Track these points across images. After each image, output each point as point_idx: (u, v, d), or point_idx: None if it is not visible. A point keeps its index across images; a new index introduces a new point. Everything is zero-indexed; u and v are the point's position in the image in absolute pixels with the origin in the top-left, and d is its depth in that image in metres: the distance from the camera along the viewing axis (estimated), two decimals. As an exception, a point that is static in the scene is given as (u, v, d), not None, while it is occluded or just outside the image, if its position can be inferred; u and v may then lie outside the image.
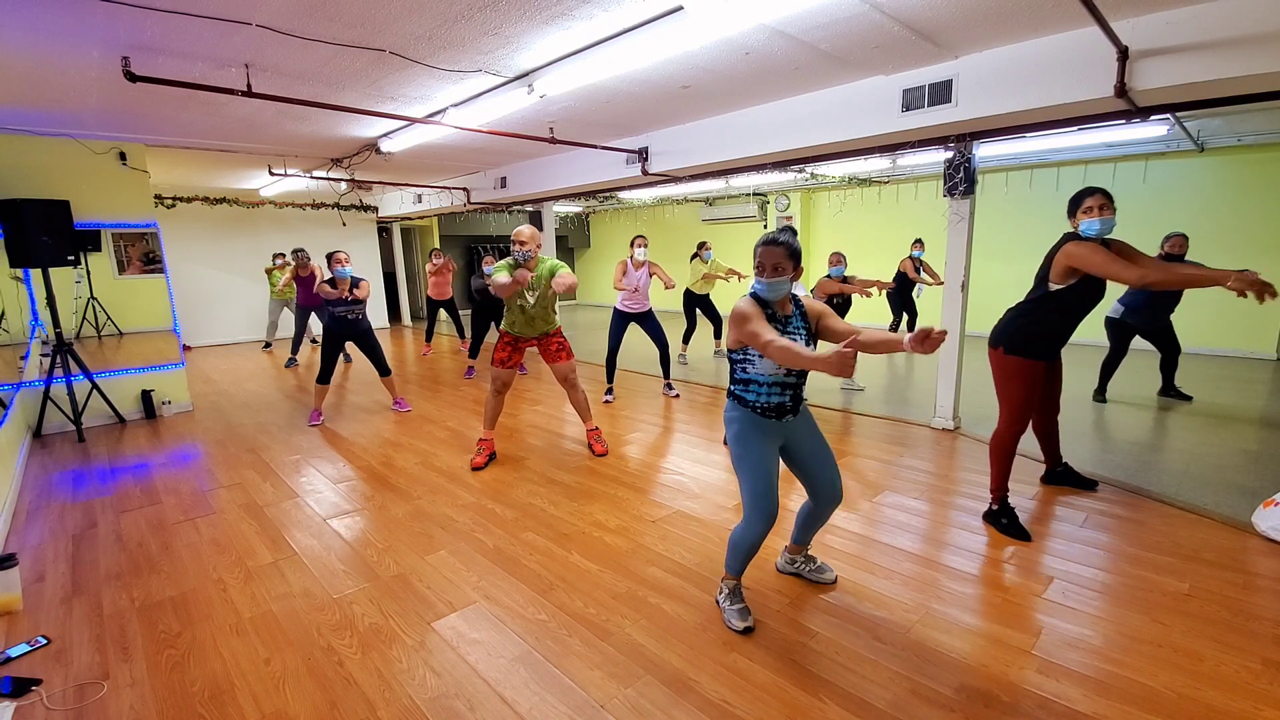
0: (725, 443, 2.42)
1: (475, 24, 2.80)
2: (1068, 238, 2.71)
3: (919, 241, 7.34)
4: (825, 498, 2.26)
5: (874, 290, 5.33)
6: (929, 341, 1.74)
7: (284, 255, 8.47)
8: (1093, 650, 2.03)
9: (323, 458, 4.14)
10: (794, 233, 2.08)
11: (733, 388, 2.18)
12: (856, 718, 1.77)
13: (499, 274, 3.60)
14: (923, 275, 7.32)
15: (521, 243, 3.64)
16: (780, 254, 2.02)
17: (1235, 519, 2.92)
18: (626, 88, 3.90)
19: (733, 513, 3.12)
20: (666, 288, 5.30)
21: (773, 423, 2.12)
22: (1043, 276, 2.77)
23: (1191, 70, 2.74)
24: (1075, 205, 2.72)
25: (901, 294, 7.48)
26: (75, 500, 3.50)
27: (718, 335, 7.49)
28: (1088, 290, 2.67)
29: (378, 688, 1.93)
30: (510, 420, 4.89)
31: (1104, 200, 2.64)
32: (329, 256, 4.82)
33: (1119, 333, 4.94)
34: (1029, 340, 2.77)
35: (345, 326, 4.89)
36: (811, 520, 2.37)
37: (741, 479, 2.13)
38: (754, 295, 2.08)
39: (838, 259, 5.25)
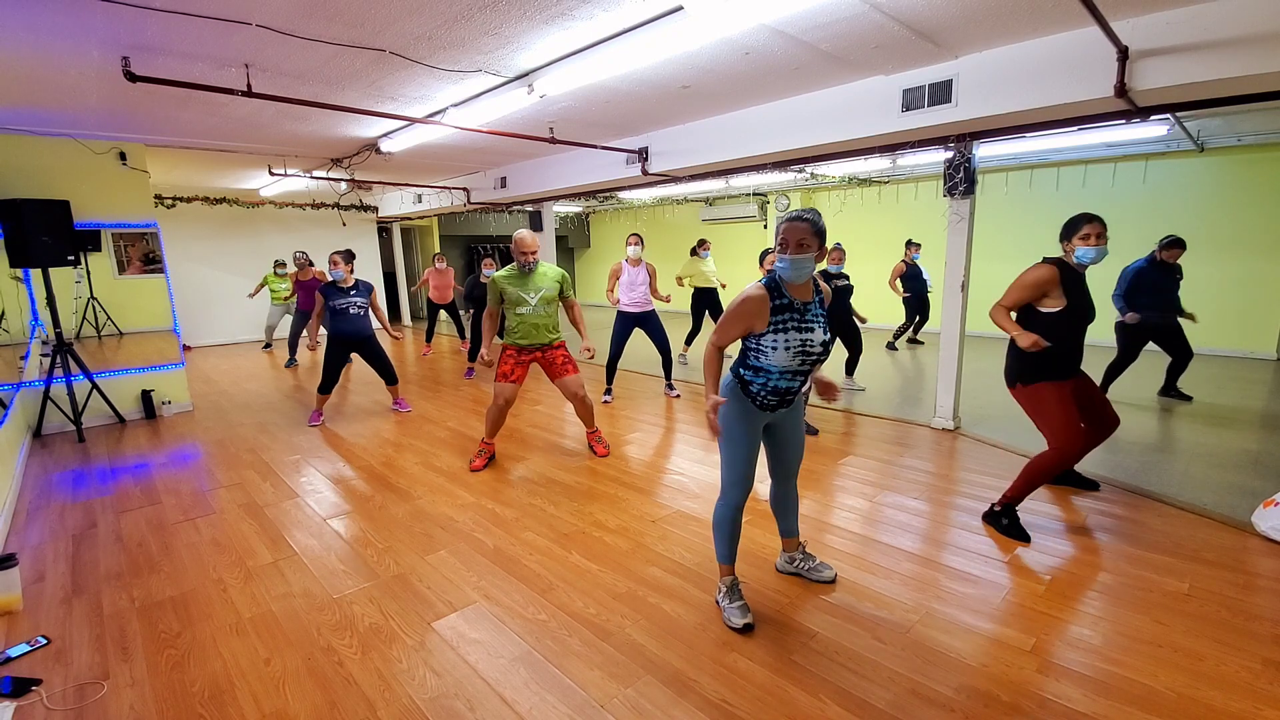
0: None
1: (475, 24, 2.80)
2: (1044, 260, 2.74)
3: (912, 244, 7.28)
4: (785, 473, 2.36)
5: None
6: (827, 391, 2.15)
7: (284, 264, 8.41)
8: (1093, 650, 2.04)
9: (323, 458, 4.14)
10: (818, 214, 2.03)
11: (741, 370, 2.14)
12: (856, 718, 1.77)
13: (491, 302, 3.68)
14: (922, 281, 7.33)
15: (533, 253, 3.58)
16: (804, 229, 1.97)
17: (1235, 519, 2.93)
18: (626, 88, 3.90)
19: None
20: (660, 298, 5.39)
21: (765, 413, 2.14)
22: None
23: (1191, 70, 2.75)
24: (1071, 230, 2.71)
25: (917, 296, 7.44)
26: (75, 500, 3.50)
27: None
28: (1075, 313, 2.68)
29: (378, 688, 1.93)
30: (510, 420, 4.88)
31: (1101, 228, 2.65)
32: (335, 256, 4.73)
33: (1129, 336, 4.85)
34: (1038, 365, 2.74)
35: (348, 326, 4.75)
36: (782, 503, 2.43)
37: (724, 454, 2.16)
38: (769, 282, 2.05)
39: (838, 256, 4.92)
